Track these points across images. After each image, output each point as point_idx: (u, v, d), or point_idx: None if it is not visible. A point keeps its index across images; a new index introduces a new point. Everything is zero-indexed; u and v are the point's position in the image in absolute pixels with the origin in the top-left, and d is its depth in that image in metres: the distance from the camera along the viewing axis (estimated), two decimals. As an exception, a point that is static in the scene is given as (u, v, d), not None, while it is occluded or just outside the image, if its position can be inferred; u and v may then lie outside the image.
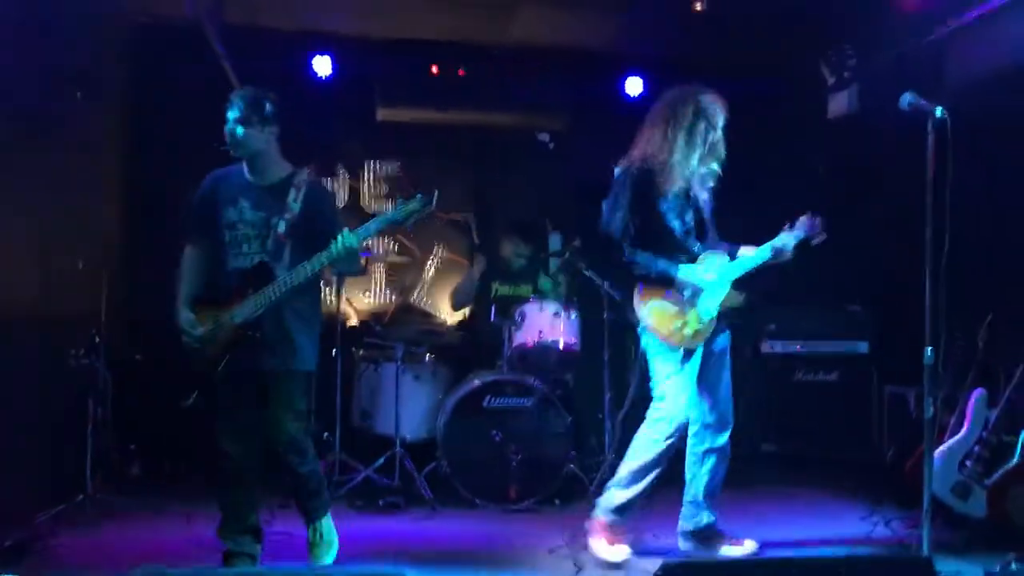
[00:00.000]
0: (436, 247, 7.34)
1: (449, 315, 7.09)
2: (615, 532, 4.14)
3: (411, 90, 6.89)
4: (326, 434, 5.54)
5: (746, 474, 4.35)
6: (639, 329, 4.22)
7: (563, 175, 7.43)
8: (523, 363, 5.53)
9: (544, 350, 5.48)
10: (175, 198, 6.11)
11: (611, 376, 5.80)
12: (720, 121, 4.15)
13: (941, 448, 4.51)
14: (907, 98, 3.59)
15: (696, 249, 4.19)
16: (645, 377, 4.26)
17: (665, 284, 4.11)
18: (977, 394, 4.54)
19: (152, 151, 6.32)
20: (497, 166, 7.41)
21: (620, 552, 4.05)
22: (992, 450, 4.41)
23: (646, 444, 4.11)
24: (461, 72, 6.87)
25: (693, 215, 4.21)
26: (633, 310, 4.19)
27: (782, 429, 6.28)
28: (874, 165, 6.60)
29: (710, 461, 4.20)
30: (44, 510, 4.60)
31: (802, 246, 4.14)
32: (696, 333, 4.08)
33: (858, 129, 6.23)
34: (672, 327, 4.08)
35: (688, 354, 4.09)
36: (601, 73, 7.13)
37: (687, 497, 4.26)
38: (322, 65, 6.58)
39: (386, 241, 7.22)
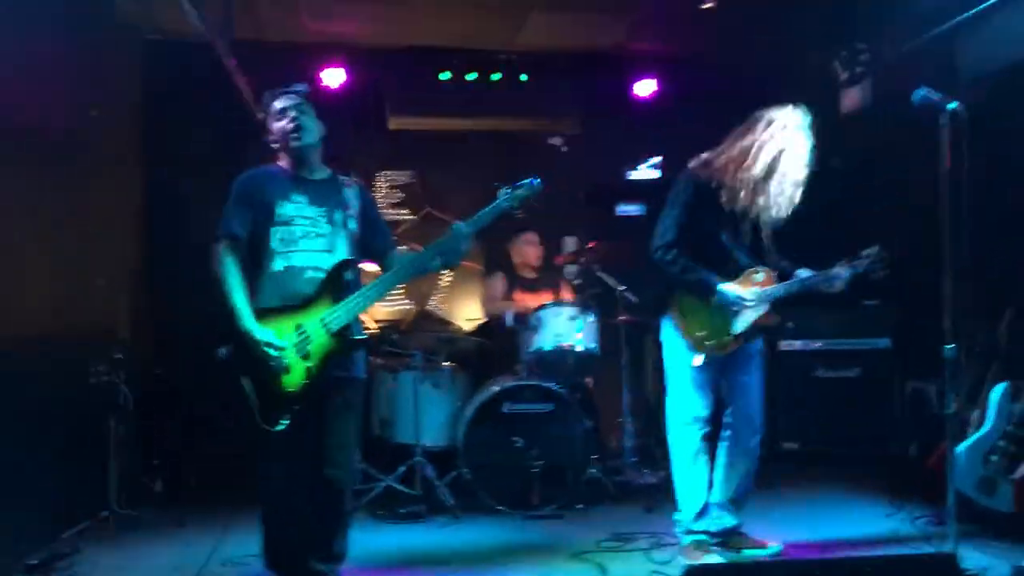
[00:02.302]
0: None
1: (466, 322, 7.10)
2: (701, 547, 4.10)
3: (422, 98, 6.91)
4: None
5: (767, 472, 4.32)
6: (662, 318, 4.20)
7: (576, 178, 7.45)
8: (541, 367, 5.51)
9: (562, 354, 5.46)
10: (191, 212, 6.19)
11: (629, 378, 5.79)
12: (797, 145, 4.00)
13: (965, 443, 4.47)
14: (920, 93, 3.57)
15: (743, 262, 4.13)
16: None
17: (701, 292, 4.07)
18: (1000, 388, 4.50)
19: (167, 166, 6.37)
20: (510, 171, 7.38)
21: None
22: (1017, 443, 4.37)
23: (673, 446, 4.16)
24: (471, 79, 6.86)
25: (748, 229, 4.14)
26: (660, 304, 4.20)
27: (803, 426, 6.23)
28: (890, 159, 6.57)
29: (737, 464, 4.18)
30: (68, 527, 4.63)
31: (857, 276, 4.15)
32: (718, 345, 4.06)
33: (872, 124, 6.19)
34: (696, 331, 4.08)
35: (706, 363, 4.07)
36: (612, 75, 7.13)
37: (711, 499, 4.20)
38: (332, 76, 6.60)
39: (402, 250, 7.22)
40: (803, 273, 4.14)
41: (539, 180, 3.72)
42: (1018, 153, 5.17)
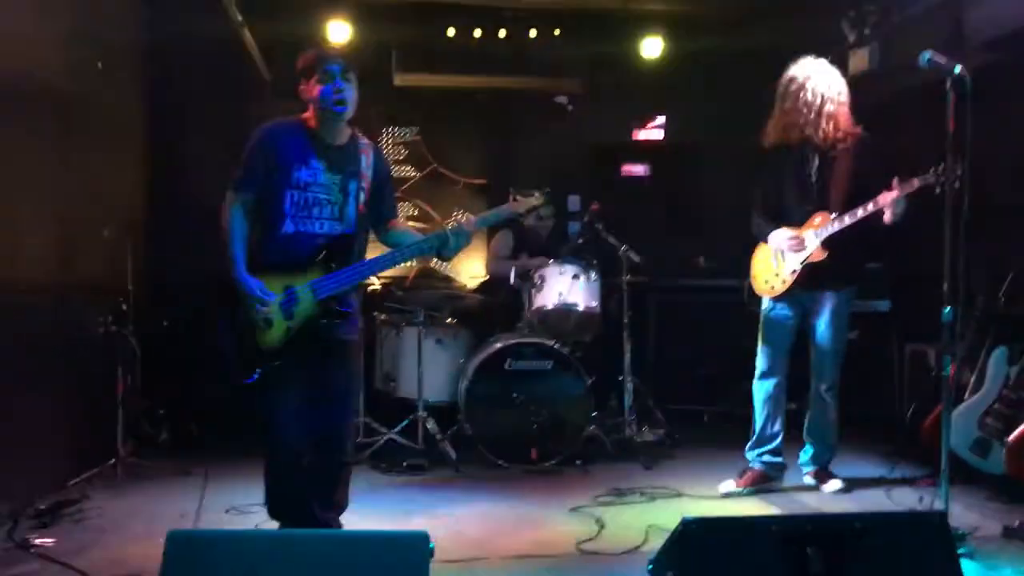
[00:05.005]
0: (455, 212, 7.36)
1: (469, 279, 7.14)
2: (745, 476, 4.72)
3: (428, 55, 6.88)
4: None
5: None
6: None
7: (581, 137, 7.44)
8: (543, 325, 5.56)
9: (564, 312, 5.51)
10: (196, 162, 6.21)
11: (631, 337, 5.83)
12: (810, 88, 4.44)
13: (961, 406, 4.52)
14: (926, 56, 3.58)
15: (809, 208, 4.51)
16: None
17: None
18: (997, 352, 4.54)
19: (172, 118, 6.38)
20: (515, 129, 7.42)
21: (725, 486, 4.68)
22: (1011, 407, 4.42)
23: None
24: (478, 35, 6.83)
25: (807, 178, 4.54)
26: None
27: (803, 388, 6.26)
28: (895, 121, 6.54)
29: (812, 407, 4.80)
30: (76, 474, 4.71)
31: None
32: (774, 287, 4.61)
33: (879, 86, 6.16)
34: (760, 279, 4.71)
35: (776, 305, 4.66)
36: (619, 33, 7.08)
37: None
38: (338, 31, 6.56)
39: (406, 207, 7.25)
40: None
41: (549, 191, 3.94)
42: (1021, 117, 5.16)
